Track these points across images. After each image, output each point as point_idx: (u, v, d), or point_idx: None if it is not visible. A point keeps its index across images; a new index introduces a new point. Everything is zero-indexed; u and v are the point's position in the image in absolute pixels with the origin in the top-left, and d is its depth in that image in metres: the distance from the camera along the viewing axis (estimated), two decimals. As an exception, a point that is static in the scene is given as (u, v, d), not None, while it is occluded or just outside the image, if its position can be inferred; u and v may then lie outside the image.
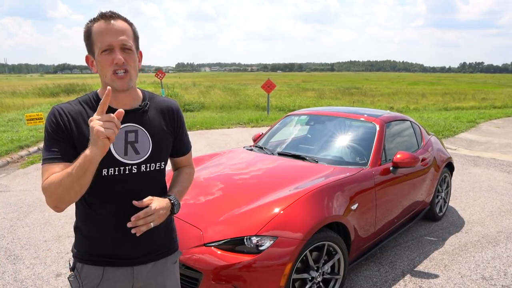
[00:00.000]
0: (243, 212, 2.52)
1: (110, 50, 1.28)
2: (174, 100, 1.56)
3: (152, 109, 1.44)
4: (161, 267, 1.49)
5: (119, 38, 1.28)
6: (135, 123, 1.38)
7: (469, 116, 13.36)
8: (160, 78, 19.13)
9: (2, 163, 6.58)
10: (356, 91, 29.79)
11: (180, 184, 1.55)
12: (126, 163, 1.34)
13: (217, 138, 9.14)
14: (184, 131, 1.57)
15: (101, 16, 1.29)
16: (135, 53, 1.34)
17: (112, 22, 1.28)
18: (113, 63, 1.28)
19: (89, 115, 1.32)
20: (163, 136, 1.44)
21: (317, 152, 3.53)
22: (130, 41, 1.31)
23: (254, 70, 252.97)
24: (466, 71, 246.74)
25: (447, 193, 4.57)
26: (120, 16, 1.32)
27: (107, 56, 1.28)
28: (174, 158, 1.60)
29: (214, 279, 2.22)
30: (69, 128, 1.29)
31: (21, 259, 3.36)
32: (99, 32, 1.27)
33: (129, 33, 1.32)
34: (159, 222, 1.35)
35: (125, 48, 1.29)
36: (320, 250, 2.55)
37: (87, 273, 1.39)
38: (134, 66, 1.33)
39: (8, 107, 16.03)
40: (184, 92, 24.27)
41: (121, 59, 1.27)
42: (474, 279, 3.09)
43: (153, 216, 1.30)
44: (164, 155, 1.46)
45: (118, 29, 1.29)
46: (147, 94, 1.48)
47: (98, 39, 1.28)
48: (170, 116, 1.49)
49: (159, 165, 1.42)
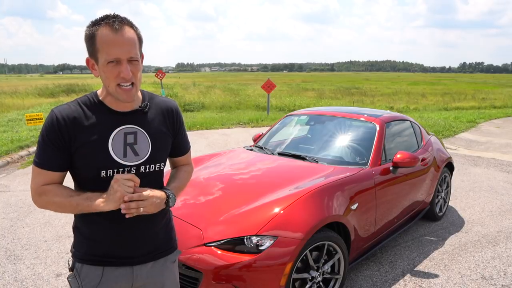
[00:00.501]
0: (243, 212, 2.52)
1: (117, 62, 1.25)
2: (173, 100, 1.55)
3: (151, 110, 1.43)
4: (160, 266, 1.49)
5: (128, 50, 1.25)
6: (134, 125, 1.37)
7: (469, 116, 13.36)
8: (160, 78, 19.13)
9: (2, 163, 6.59)
10: (356, 91, 29.78)
11: (177, 180, 1.54)
12: (125, 164, 1.33)
13: (217, 138, 9.14)
14: (183, 131, 1.56)
15: (108, 23, 1.23)
16: (140, 62, 1.32)
17: (119, 30, 1.23)
18: (119, 76, 1.25)
19: (87, 117, 1.32)
20: (162, 137, 1.44)
21: (317, 152, 3.53)
22: (137, 52, 1.29)
23: (254, 70, 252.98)
24: (466, 71, 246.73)
25: (447, 193, 4.57)
26: (126, 22, 1.26)
27: (114, 68, 1.25)
28: (173, 158, 1.60)
29: (214, 279, 2.22)
30: (65, 135, 1.29)
31: (21, 259, 3.36)
32: (106, 42, 1.22)
33: (136, 42, 1.29)
34: (151, 211, 1.33)
35: (132, 59, 1.27)
36: (320, 250, 2.55)
37: (87, 273, 1.39)
38: (139, 75, 1.32)
39: (8, 107, 16.04)
40: (184, 92, 24.26)
41: (129, 73, 1.26)
42: (474, 279, 3.09)
43: (145, 202, 1.29)
44: (163, 156, 1.46)
45: (126, 41, 1.24)
46: (147, 95, 1.46)
47: (104, 49, 1.23)
48: (170, 116, 1.48)
49: (158, 166, 1.42)
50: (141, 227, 1.40)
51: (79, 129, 1.30)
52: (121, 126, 1.35)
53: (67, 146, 1.30)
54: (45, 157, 1.30)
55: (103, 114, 1.34)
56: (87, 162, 1.31)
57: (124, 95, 1.29)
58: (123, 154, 1.34)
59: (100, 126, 1.32)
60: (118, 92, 1.29)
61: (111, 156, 1.32)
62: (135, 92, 1.32)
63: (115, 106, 1.35)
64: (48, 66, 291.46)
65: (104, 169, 1.30)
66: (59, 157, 1.31)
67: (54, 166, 1.31)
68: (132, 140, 1.35)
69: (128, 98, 1.31)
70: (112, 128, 1.34)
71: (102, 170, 1.30)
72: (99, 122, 1.33)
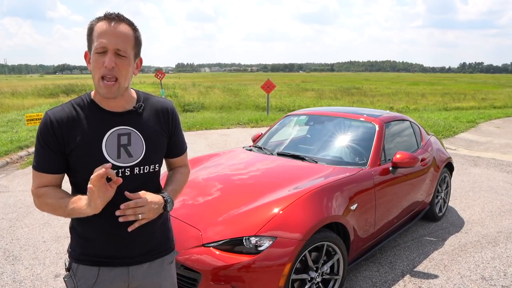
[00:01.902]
0: (242, 213, 2.51)
1: (103, 52, 1.25)
2: (169, 100, 1.54)
3: (146, 111, 1.42)
4: (157, 267, 1.48)
5: (115, 42, 1.25)
6: (128, 126, 1.36)
7: (469, 116, 13.36)
8: (160, 79, 19.12)
9: (2, 163, 6.58)
10: (356, 91, 29.77)
11: (174, 183, 1.52)
12: (119, 166, 1.32)
13: (217, 138, 9.13)
14: (179, 132, 1.54)
15: (106, 16, 1.28)
16: (130, 61, 1.30)
17: (114, 24, 1.26)
18: (103, 66, 1.25)
19: (81, 118, 1.32)
20: (157, 138, 1.42)
21: (317, 152, 3.52)
22: (128, 48, 1.28)
23: (254, 71, 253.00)
24: (466, 71, 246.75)
25: (447, 193, 4.56)
26: (125, 20, 1.29)
27: (100, 57, 1.26)
28: (169, 159, 1.58)
29: (213, 280, 2.21)
30: (59, 137, 1.29)
31: (20, 260, 3.35)
32: (99, 32, 1.25)
33: (129, 39, 1.29)
34: (150, 217, 1.32)
35: (119, 54, 1.27)
36: (320, 250, 2.55)
37: (82, 274, 1.39)
38: (126, 74, 1.30)
39: (8, 108, 16.03)
40: (184, 92, 24.26)
41: (110, 63, 1.24)
42: (474, 280, 3.08)
43: (143, 208, 1.28)
44: (158, 157, 1.44)
45: (118, 33, 1.26)
46: (142, 95, 1.45)
47: (96, 38, 1.26)
48: (165, 116, 1.46)
49: (153, 168, 1.41)
50: (137, 228, 1.39)
51: (73, 131, 1.30)
52: (115, 127, 1.34)
53: (62, 148, 1.30)
54: (41, 160, 1.32)
55: (97, 115, 1.34)
56: (81, 163, 1.31)
57: (105, 89, 1.28)
58: (117, 156, 1.33)
59: (94, 128, 1.32)
60: (100, 86, 1.28)
61: (105, 158, 1.31)
62: (118, 89, 1.29)
63: (106, 105, 1.35)
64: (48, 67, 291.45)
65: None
66: (55, 159, 1.31)
67: (50, 169, 1.32)
68: (125, 141, 1.34)
69: (108, 93, 1.29)
70: (106, 129, 1.33)
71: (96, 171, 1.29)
72: (92, 123, 1.32)
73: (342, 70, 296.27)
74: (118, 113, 1.36)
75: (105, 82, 1.27)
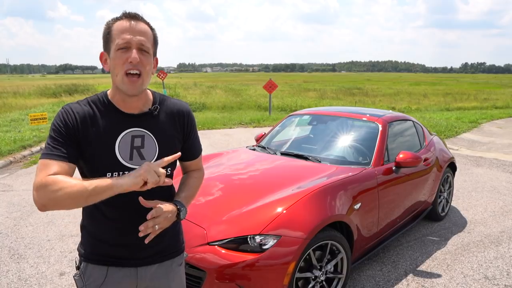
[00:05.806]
0: (246, 211, 2.53)
1: (127, 48, 1.26)
2: (186, 102, 1.51)
3: (162, 113, 1.40)
4: (166, 268, 1.47)
5: (138, 38, 1.26)
6: (142, 128, 1.35)
7: (471, 116, 13.34)
8: (162, 79, 19.17)
9: (5, 163, 6.61)
10: (358, 91, 29.75)
11: (188, 189, 1.50)
12: (131, 167, 1.31)
13: (219, 138, 9.15)
14: (195, 135, 1.52)
15: (125, 15, 1.29)
16: (151, 57, 1.32)
17: (134, 22, 1.27)
18: (127, 61, 1.25)
19: (97, 117, 1.31)
20: (170, 142, 1.41)
21: (320, 151, 3.53)
22: (149, 44, 1.30)
23: (255, 71, 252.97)
24: (468, 72, 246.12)
25: (450, 193, 4.57)
26: (143, 19, 1.31)
27: (123, 54, 1.26)
28: (183, 162, 1.56)
29: (217, 278, 2.22)
30: (76, 128, 1.28)
31: (25, 258, 3.37)
32: (120, 30, 1.26)
33: (149, 36, 1.31)
34: (165, 226, 1.32)
35: (143, 49, 1.28)
36: (323, 249, 2.56)
37: (91, 273, 1.39)
38: (149, 70, 1.30)
39: (11, 107, 16.07)
40: (185, 92, 24.31)
41: (136, 58, 1.25)
42: (477, 279, 3.09)
43: (159, 218, 1.28)
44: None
45: (139, 29, 1.28)
46: (158, 97, 1.43)
47: (117, 35, 1.26)
48: (180, 120, 1.44)
49: (165, 171, 1.37)
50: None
51: (88, 128, 1.29)
52: (129, 129, 1.33)
53: (77, 140, 1.28)
54: (55, 148, 1.24)
55: (112, 115, 1.33)
56: (93, 162, 1.30)
57: (129, 85, 1.27)
58: (129, 157, 1.32)
59: (108, 127, 1.31)
60: (124, 82, 1.27)
61: (117, 159, 1.31)
62: (141, 85, 1.30)
63: (123, 107, 1.34)
64: (50, 67, 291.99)
65: (109, 171, 1.29)
66: (69, 148, 1.26)
67: (63, 156, 1.23)
68: (139, 143, 1.34)
69: (133, 89, 1.28)
70: (120, 130, 1.33)
71: (107, 172, 1.29)
72: (107, 123, 1.32)
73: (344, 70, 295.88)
74: (133, 114, 1.35)
75: (130, 77, 1.27)
